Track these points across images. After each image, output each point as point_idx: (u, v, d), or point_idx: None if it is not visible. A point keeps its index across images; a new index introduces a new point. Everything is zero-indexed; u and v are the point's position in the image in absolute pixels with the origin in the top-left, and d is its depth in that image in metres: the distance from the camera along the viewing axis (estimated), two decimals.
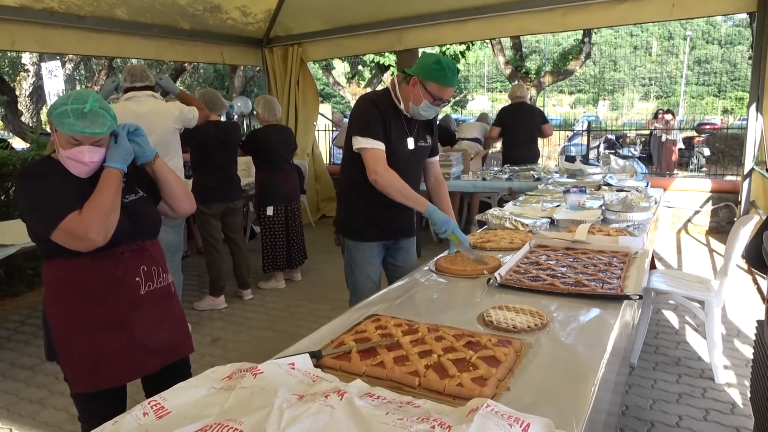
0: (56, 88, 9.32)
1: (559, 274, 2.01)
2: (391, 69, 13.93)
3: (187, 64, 13.40)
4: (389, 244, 2.66)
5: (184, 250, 5.56)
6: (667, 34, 44.19)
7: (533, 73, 13.21)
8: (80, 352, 1.73)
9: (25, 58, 12.13)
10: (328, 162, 10.00)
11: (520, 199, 3.72)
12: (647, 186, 4.06)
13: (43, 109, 12.25)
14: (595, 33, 15.17)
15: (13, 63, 14.69)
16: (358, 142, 2.36)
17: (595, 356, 1.39)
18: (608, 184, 4.03)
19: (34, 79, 11.94)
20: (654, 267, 3.53)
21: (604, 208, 3.16)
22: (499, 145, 6.79)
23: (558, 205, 3.34)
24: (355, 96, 14.67)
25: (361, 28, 6.89)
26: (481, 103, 37.47)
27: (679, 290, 3.06)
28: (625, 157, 9.01)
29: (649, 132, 13.11)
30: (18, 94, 11.67)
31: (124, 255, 1.75)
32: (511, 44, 13.14)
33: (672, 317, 3.93)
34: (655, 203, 3.37)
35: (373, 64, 14.92)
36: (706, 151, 12.89)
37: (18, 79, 12.58)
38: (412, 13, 6.44)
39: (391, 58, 13.65)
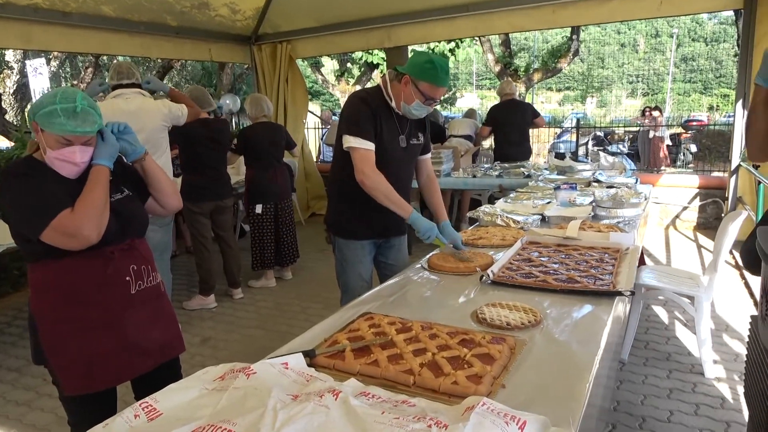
0: (41, 86, 9.20)
1: (552, 271, 2.01)
2: (381, 67, 13.90)
3: (174, 62, 13.28)
4: (380, 242, 2.64)
5: (173, 250, 5.52)
6: (654, 32, 44.59)
7: (522, 70, 13.25)
8: (71, 354, 1.70)
9: (9, 56, 11.96)
10: (317, 159, 9.96)
11: (511, 196, 3.72)
12: (636, 182, 4.08)
13: (28, 107, 12.08)
14: (583, 30, 15.23)
15: None
16: (348, 141, 2.34)
17: (590, 353, 1.39)
18: (598, 181, 4.05)
19: (18, 76, 11.78)
20: (643, 263, 3.55)
21: (594, 204, 3.17)
22: (487, 143, 6.80)
23: (549, 202, 3.35)
24: (345, 94, 14.64)
25: (350, 25, 6.87)
26: (470, 101, 37.54)
27: (669, 286, 3.08)
28: (614, 154, 9.06)
29: (637, 129, 13.22)
30: (2, 92, 11.51)
31: (114, 254, 1.73)
32: (500, 41, 13.17)
33: (662, 313, 3.95)
34: (645, 199, 3.39)
35: (362, 62, 14.89)
36: (693, 148, 13.03)
37: (1, 76, 12.41)
38: (401, 10, 6.43)
39: (379, 56, 13.62)
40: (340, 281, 2.64)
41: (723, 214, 5.79)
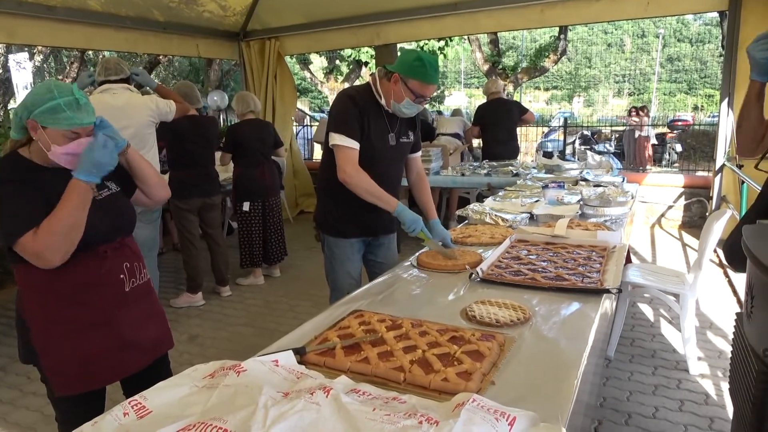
0: (25, 81, 9.07)
1: (540, 269, 2.02)
2: (370, 65, 13.88)
3: (161, 57, 13.14)
4: (369, 240, 2.64)
5: (160, 247, 5.47)
6: (640, 32, 45.00)
7: (510, 69, 13.31)
8: (65, 354, 1.66)
9: None
10: (306, 157, 9.93)
11: (500, 194, 3.74)
12: (623, 181, 4.12)
13: (11, 102, 11.89)
14: (570, 30, 15.33)
15: None
16: (333, 139, 2.34)
17: (577, 350, 1.41)
18: (585, 180, 4.08)
19: (0, 71, 11.59)
20: (629, 261, 3.59)
21: (582, 203, 3.20)
22: (476, 142, 6.81)
23: (537, 201, 3.37)
24: (333, 91, 14.59)
25: (339, 22, 6.85)
26: (459, 99, 37.63)
27: (655, 284, 3.11)
28: (601, 153, 9.14)
29: (624, 128, 13.34)
30: None
31: (107, 254, 1.70)
32: (489, 40, 13.21)
33: (647, 310, 4.00)
34: (632, 198, 3.43)
35: (351, 59, 14.85)
36: (678, 147, 13.17)
37: None
38: (390, 8, 6.42)
39: (369, 54, 13.60)
40: (329, 279, 2.63)
41: (707, 213, 5.87)
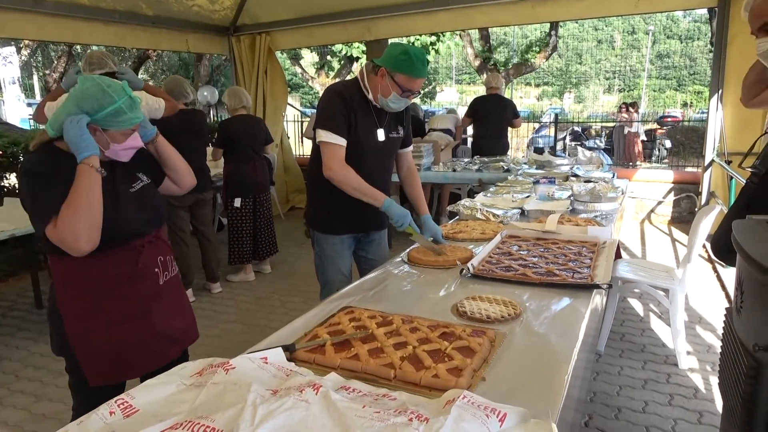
0: (11, 75, 8.96)
1: (531, 264, 2.02)
2: (361, 60, 13.83)
3: (151, 52, 13.03)
4: (360, 236, 2.63)
5: None
6: (630, 29, 45.20)
7: (501, 65, 13.32)
8: (100, 347, 1.68)
9: None
10: (297, 153, 9.89)
11: (491, 190, 3.74)
12: (614, 177, 4.13)
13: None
14: (561, 26, 15.36)
15: None
16: (319, 135, 2.33)
17: (568, 345, 1.41)
18: (576, 176, 4.09)
19: None
20: (619, 256, 3.60)
21: (572, 198, 3.21)
22: (470, 131, 6.82)
23: (528, 196, 3.37)
24: (324, 86, 14.52)
25: (330, 17, 6.81)
26: (450, 95, 37.66)
27: (644, 279, 3.13)
28: (591, 149, 9.18)
29: (614, 124, 13.41)
30: None
31: (144, 248, 1.72)
32: (480, 36, 13.21)
33: (637, 305, 4.03)
34: (622, 194, 3.44)
35: (342, 55, 14.79)
36: (668, 143, 13.27)
37: None
38: (381, 3, 6.39)
39: (360, 49, 13.55)
40: (320, 275, 2.62)
41: (696, 209, 5.91)
